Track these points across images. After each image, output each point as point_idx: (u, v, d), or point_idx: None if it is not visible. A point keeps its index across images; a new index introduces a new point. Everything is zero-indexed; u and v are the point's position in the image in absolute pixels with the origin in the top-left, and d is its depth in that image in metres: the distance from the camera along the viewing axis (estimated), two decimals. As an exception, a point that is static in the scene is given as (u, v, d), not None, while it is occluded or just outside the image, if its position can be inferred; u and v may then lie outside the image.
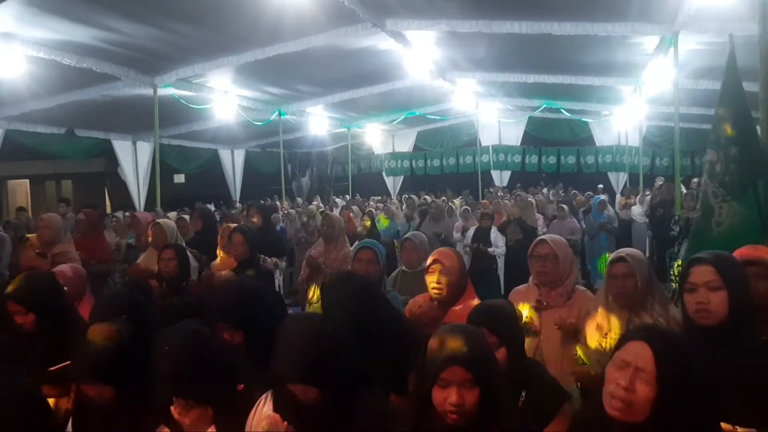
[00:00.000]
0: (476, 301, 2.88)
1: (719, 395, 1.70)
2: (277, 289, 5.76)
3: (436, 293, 2.81)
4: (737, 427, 1.73)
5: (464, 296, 2.81)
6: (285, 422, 1.72)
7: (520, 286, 3.09)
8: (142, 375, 1.93)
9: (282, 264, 5.64)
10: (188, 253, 4.22)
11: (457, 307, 2.75)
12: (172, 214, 9.08)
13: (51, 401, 2.39)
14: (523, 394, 2.03)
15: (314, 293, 3.63)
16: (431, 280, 2.82)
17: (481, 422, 1.54)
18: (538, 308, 2.81)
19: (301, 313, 3.54)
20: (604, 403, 1.49)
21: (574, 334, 2.66)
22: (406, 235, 4.13)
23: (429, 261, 2.89)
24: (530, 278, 2.96)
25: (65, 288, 3.12)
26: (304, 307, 4.66)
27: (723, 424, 1.68)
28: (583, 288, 2.99)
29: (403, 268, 3.87)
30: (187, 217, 6.58)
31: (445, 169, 18.12)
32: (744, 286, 1.98)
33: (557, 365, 2.58)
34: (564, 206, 8.73)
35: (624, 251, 2.63)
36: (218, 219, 8.96)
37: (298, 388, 1.70)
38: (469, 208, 9.34)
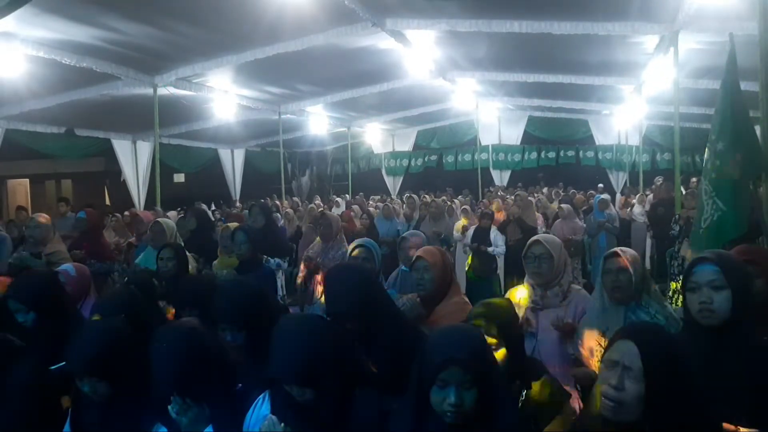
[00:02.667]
0: (462, 298, 2.91)
1: (722, 395, 1.69)
2: (280, 288, 5.76)
3: (419, 290, 2.84)
4: (740, 428, 1.73)
5: (449, 294, 2.84)
6: (282, 423, 1.72)
7: (515, 287, 3.10)
8: (139, 373, 1.93)
9: (285, 264, 5.63)
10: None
11: (443, 305, 2.78)
12: (172, 214, 9.09)
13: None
14: (524, 393, 2.04)
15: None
16: (415, 277, 2.86)
17: (479, 422, 1.54)
18: (534, 309, 2.81)
19: (297, 313, 3.54)
20: (598, 404, 1.49)
21: (571, 333, 2.67)
22: (403, 234, 4.15)
23: (413, 259, 2.93)
24: (525, 279, 2.97)
25: (69, 287, 3.13)
26: (303, 308, 4.66)
27: (725, 425, 1.67)
28: (579, 287, 3.00)
29: (403, 267, 3.89)
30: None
31: (445, 166, 18.13)
32: (747, 286, 1.97)
33: (554, 365, 2.58)
34: (563, 206, 8.73)
35: (618, 248, 2.66)
36: (221, 218, 8.96)
37: (295, 389, 1.70)
38: (468, 207, 9.34)
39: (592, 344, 2.56)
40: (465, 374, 1.51)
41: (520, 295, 2.96)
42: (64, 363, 2.34)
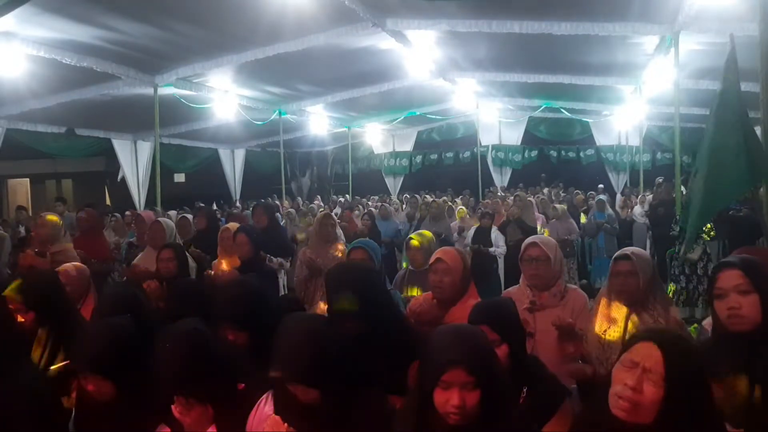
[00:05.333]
0: (477, 301, 2.89)
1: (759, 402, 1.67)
2: (282, 288, 5.76)
3: (437, 292, 2.81)
4: None
5: (465, 296, 2.81)
6: (285, 423, 1.72)
7: (511, 288, 3.09)
8: (143, 373, 1.93)
9: (287, 264, 5.64)
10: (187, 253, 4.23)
11: (458, 307, 2.75)
12: (173, 213, 9.08)
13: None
14: (525, 390, 2.04)
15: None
16: (433, 279, 2.83)
17: (482, 423, 1.54)
18: (531, 309, 2.80)
19: (300, 313, 3.54)
20: (609, 403, 1.47)
21: (571, 333, 2.66)
22: (410, 235, 4.15)
23: (432, 260, 2.90)
24: (521, 280, 2.96)
25: (68, 287, 3.13)
26: (303, 308, 4.66)
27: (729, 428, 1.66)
28: (575, 287, 3.00)
29: (410, 267, 3.89)
30: (189, 216, 6.59)
31: (444, 161, 18.14)
32: None
33: (553, 366, 2.58)
34: (557, 206, 8.77)
35: (629, 249, 2.64)
36: (220, 218, 8.95)
37: (298, 389, 1.70)
38: (464, 208, 9.37)
39: (593, 343, 2.56)
40: (468, 376, 1.51)
41: (513, 295, 2.95)
42: (64, 363, 2.34)
